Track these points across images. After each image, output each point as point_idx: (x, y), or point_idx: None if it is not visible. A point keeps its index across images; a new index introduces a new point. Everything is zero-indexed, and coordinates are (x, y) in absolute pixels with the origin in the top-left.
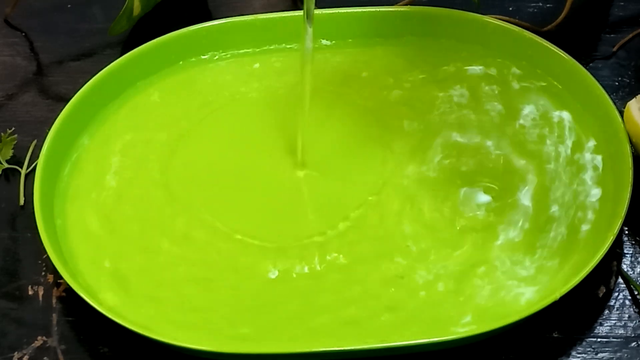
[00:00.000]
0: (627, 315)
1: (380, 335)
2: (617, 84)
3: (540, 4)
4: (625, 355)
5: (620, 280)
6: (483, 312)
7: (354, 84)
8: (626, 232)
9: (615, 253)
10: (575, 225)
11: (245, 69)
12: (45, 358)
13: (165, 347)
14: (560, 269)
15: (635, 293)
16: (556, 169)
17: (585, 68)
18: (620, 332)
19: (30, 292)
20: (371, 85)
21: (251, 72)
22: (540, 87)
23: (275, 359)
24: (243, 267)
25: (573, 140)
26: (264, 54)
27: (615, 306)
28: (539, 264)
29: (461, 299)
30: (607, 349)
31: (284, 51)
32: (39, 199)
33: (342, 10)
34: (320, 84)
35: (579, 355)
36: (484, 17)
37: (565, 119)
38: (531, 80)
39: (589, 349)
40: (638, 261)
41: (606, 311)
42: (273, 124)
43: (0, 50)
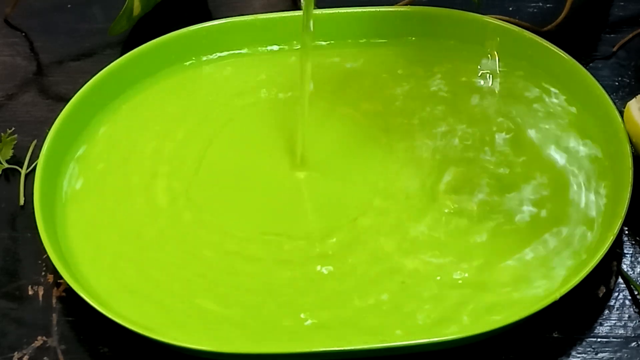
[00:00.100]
0: (627, 315)
1: (379, 336)
2: (617, 84)
3: (540, 4)
4: (625, 355)
5: (620, 280)
6: (483, 313)
7: (354, 84)
8: (626, 232)
9: (615, 253)
10: (575, 225)
11: (245, 69)
12: (45, 358)
13: (165, 347)
14: (560, 268)
15: (635, 293)
16: (555, 168)
17: (585, 68)
18: (620, 332)
19: (30, 292)
20: (371, 85)
21: (251, 72)
22: (540, 87)
23: (275, 359)
24: (243, 267)
25: (572, 140)
26: (264, 54)
27: (615, 306)
28: (538, 263)
29: (461, 300)
30: (607, 349)
31: (284, 51)
32: (39, 198)
33: (342, 10)
34: (320, 84)
35: (579, 355)
36: (484, 17)
37: (565, 119)
38: (531, 80)
39: (589, 349)
40: (638, 261)
41: (606, 311)
42: (274, 124)
43: (0, 50)
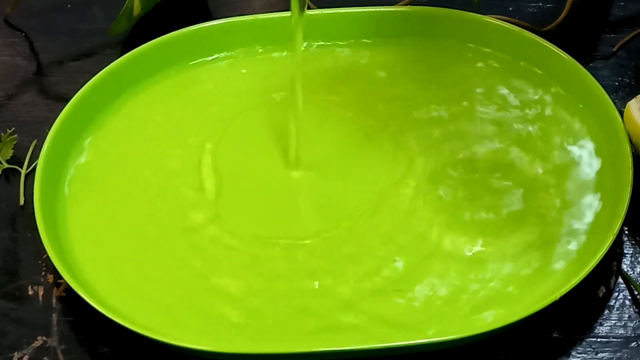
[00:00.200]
0: (627, 315)
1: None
2: (617, 84)
3: (540, 4)
4: (625, 355)
5: (620, 280)
6: (483, 313)
7: (354, 84)
8: (626, 232)
9: (615, 253)
10: (575, 225)
11: (246, 69)
12: (45, 358)
13: (165, 347)
14: (560, 268)
15: (635, 293)
16: (556, 169)
17: (585, 68)
18: (620, 332)
19: (30, 292)
20: (371, 85)
21: (251, 73)
22: (540, 87)
23: (275, 359)
24: (243, 267)
25: (573, 140)
26: (264, 53)
27: (615, 306)
28: (539, 263)
29: (460, 300)
30: (607, 349)
31: (284, 51)
32: (39, 199)
33: (342, 10)
34: (319, 84)
35: (579, 355)
36: (484, 17)
37: (565, 119)
38: (531, 80)
39: (589, 349)
40: (638, 261)
41: (606, 311)
42: (274, 124)
43: (0, 50)
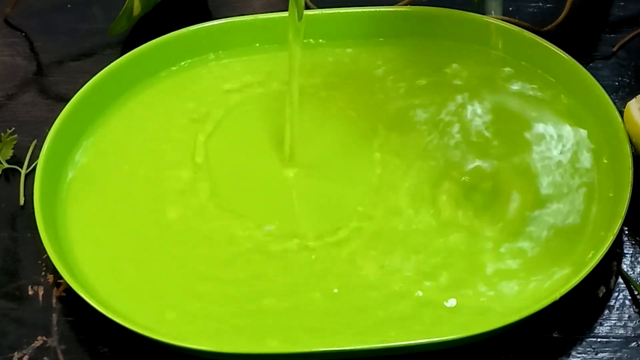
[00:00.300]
0: (627, 315)
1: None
2: (617, 84)
3: (540, 4)
4: (625, 355)
5: (620, 280)
6: (482, 313)
7: (353, 84)
8: (626, 232)
9: (615, 253)
10: (575, 225)
11: (246, 69)
12: (45, 358)
13: (165, 347)
14: (560, 269)
15: (635, 293)
16: (556, 168)
17: (585, 68)
18: (620, 332)
19: (30, 292)
20: (370, 85)
21: (251, 73)
22: (540, 87)
23: (275, 359)
24: (243, 267)
25: (573, 140)
26: (264, 53)
27: (615, 306)
28: (538, 263)
29: (460, 300)
30: (607, 349)
31: (284, 51)
32: (39, 199)
33: (342, 10)
34: (319, 83)
35: (579, 355)
36: (484, 17)
37: (565, 119)
38: (531, 80)
39: (589, 349)
40: (638, 261)
41: (606, 311)
42: (274, 124)
43: (0, 50)
